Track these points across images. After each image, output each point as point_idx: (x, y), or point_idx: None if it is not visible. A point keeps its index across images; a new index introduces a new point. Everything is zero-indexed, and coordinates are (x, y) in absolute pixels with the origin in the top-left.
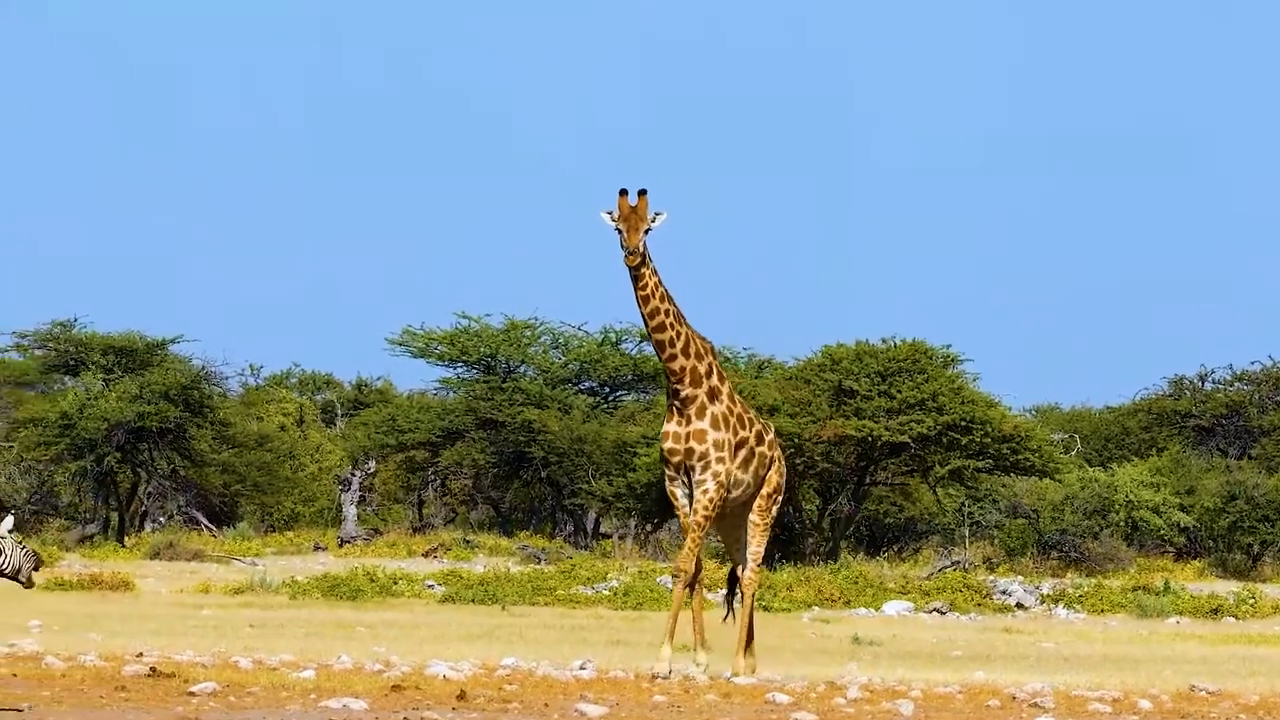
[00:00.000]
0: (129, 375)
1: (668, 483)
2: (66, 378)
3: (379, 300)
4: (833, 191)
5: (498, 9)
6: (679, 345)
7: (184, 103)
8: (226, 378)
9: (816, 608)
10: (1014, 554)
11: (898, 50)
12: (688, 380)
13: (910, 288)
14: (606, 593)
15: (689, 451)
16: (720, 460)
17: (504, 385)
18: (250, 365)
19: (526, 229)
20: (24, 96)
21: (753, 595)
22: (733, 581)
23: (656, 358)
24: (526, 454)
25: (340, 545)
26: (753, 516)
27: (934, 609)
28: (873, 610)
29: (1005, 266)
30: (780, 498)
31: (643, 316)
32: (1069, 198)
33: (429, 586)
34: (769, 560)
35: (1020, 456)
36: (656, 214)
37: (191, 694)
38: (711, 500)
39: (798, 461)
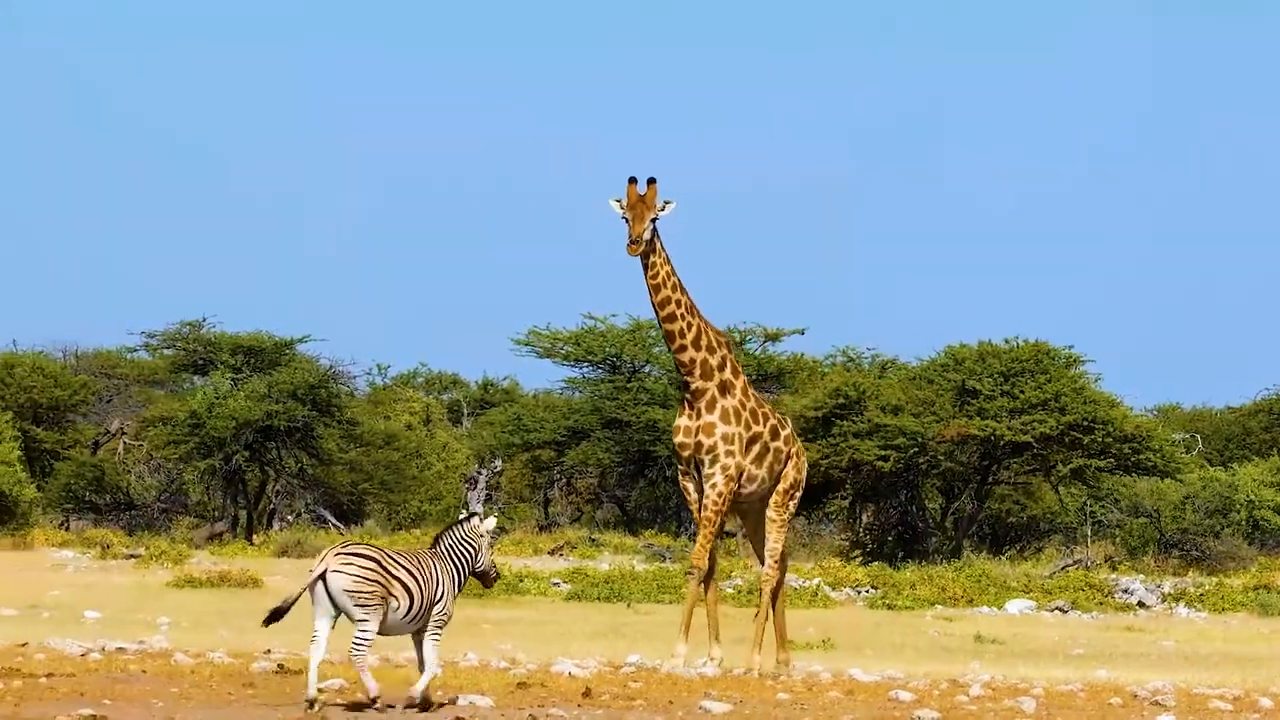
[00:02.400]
0: (257, 375)
1: (680, 477)
2: (195, 377)
3: (506, 301)
4: (956, 190)
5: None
6: (689, 336)
7: (303, 102)
8: (354, 377)
9: (940, 606)
10: (1135, 553)
11: (1020, 46)
12: (698, 373)
13: (1033, 288)
14: (730, 590)
15: (699, 445)
16: (730, 454)
17: (629, 385)
18: (378, 365)
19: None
20: (146, 96)
21: (769, 591)
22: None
23: (666, 348)
24: (651, 453)
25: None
26: (770, 513)
27: (1056, 607)
28: (995, 609)
29: (1127, 267)
30: (799, 494)
31: (653, 305)
32: (1192, 197)
33: (554, 584)
34: (891, 559)
35: (1142, 456)
36: (666, 202)
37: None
38: (720, 495)
39: (920, 461)
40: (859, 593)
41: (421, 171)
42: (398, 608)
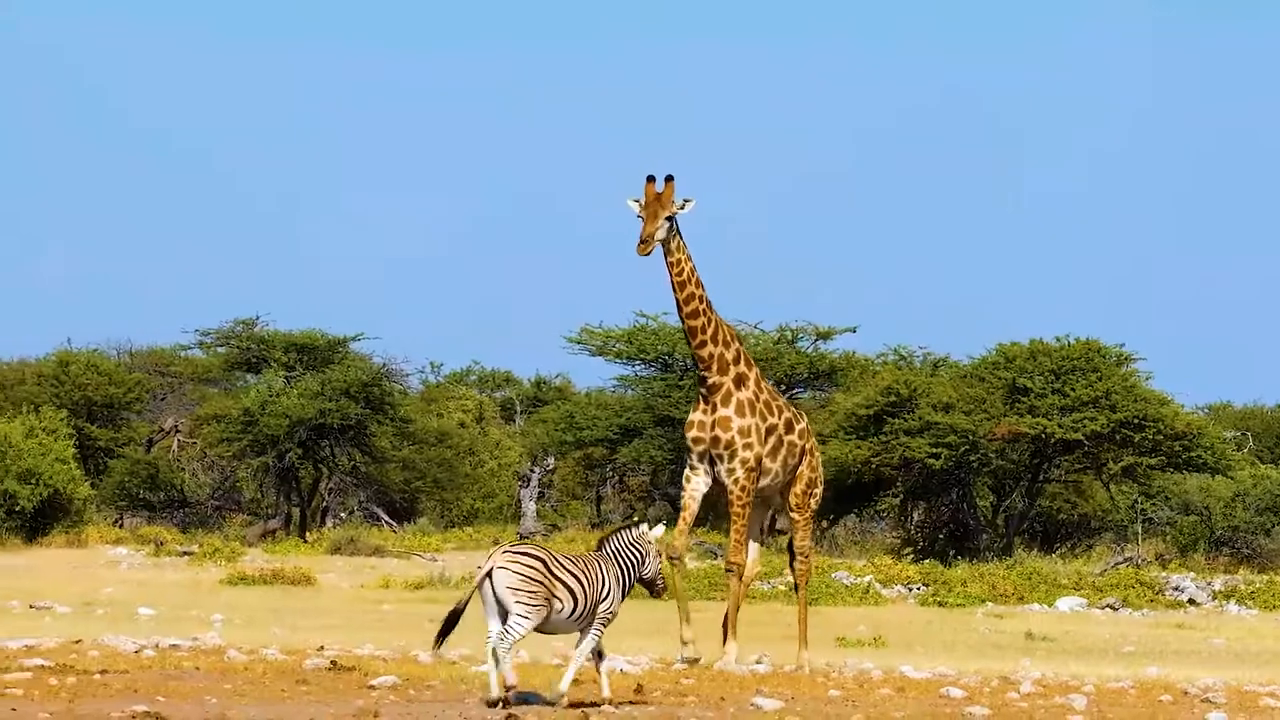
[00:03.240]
0: (310, 372)
1: (687, 469)
2: (249, 375)
3: (558, 299)
4: (1008, 188)
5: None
6: (709, 332)
7: (356, 102)
8: (407, 375)
9: (990, 603)
10: (1186, 550)
11: (1067, 39)
12: (715, 367)
13: (1085, 286)
14: (782, 588)
15: (715, 440)
16: (748, 447)
17: (681, 383)
18: (431, 363)
19: (702, 226)
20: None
21: (805, 586)
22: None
23: (687, 344)
24: None
25: (519, 541)
26: (793, 513)
27: (1107, 605)
28: (1046, 606)
29: (1179, 265)
30: (818, 490)
31: (676, 302)
32: (1244, 195)
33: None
34: (942, 557)
35: (1193, 454)
36: (686, 200)
37: (372, 687)
38: (743, 488)
39: (972, 458)
40: (910, 590)
41: (475, 170)
42: (561, 608)
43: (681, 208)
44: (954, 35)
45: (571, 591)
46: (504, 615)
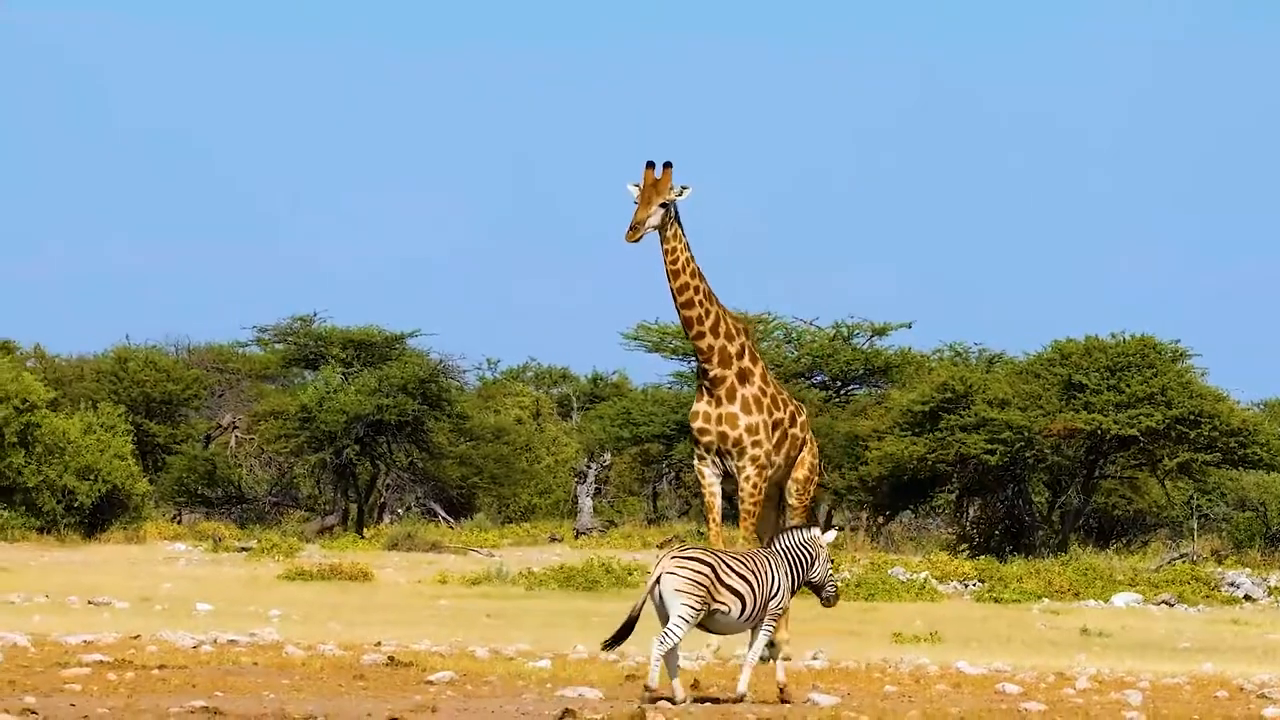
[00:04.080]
0: (368, 369)
1: (696, 461)
2: (306, 371)
3: (615, 295)
4: (1064, 183)
5: None
6: (707, 323)
7: (410, 101)
8: (464, 371)
9: (1046, 599)
10: (1241, 546)
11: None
12: (716, 360)
13: (1140, 283)
14: (839, 584)
15: (721, 436)
16: (756, 444)
17: None
18: (488, 359)
19: (757, 224)
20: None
21: None
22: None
23: (684, 335)
24: None
25: (576, 537)
26: (790, 501)
27: (1162, 601)
28: (1101, 602)
29: (1235, 261)
30: (816, 479)
31: (670, 291)
32: None
33: None
34: (997, 553)
35: (1248, 450)
36: (683, 187)
37: (429, 683)
38: (755, 486)
39: (1027, 455)
40: (966, 586)
41: (532, 167)
42: (729, 611)
43: (679, 195)
44: (1006, 20)
45: (739, 594)
46: (666, 619)
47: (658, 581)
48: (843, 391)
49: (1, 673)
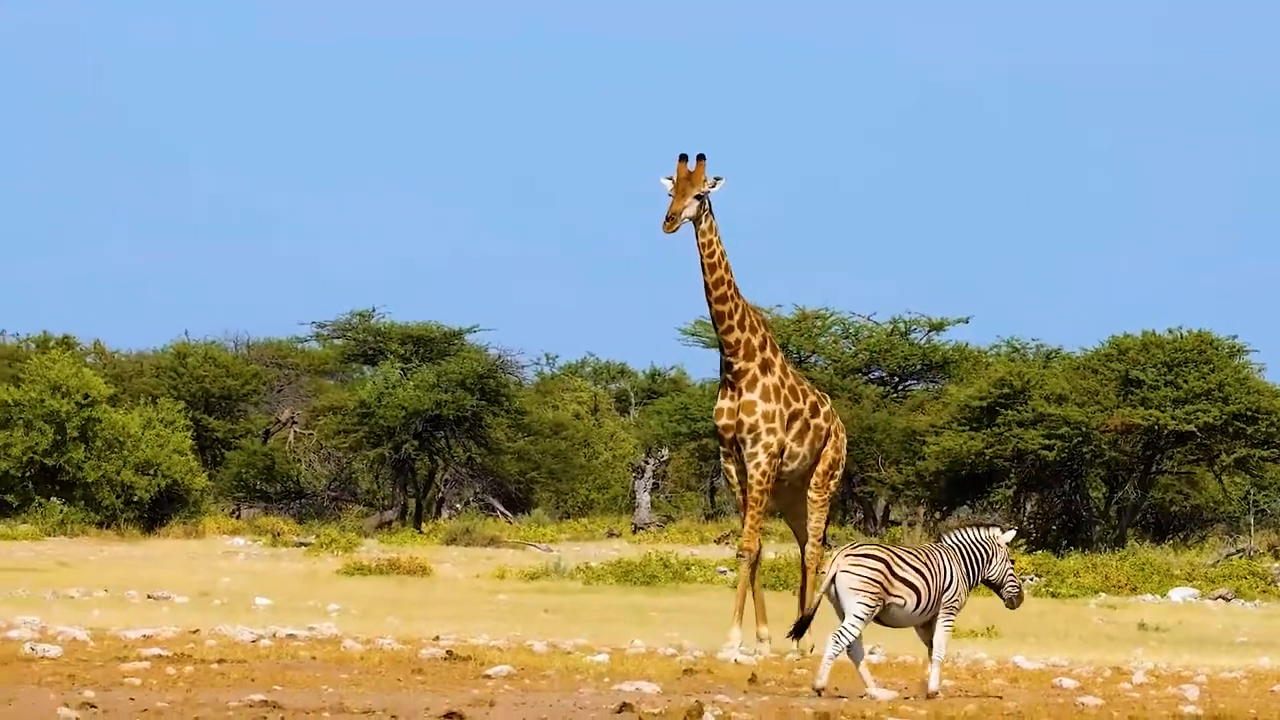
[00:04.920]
0: (426, 364)
1: (722, 459)
2: (365, 367)
3: (673, 291)
4: (1121, 177)
5: None
6: (736, 317)
7: (466, 95)
8: (522, 367)
9: (1103, 594)
10: None
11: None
12: (741, 353)
13: (1197, 278)
14: (1021, 584)
15: (739, 424)
16: (771, 431)
17: None
18: (546, 354)
19: (812, 220)
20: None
21: (816, 571)
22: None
23: (714, 329)
24: None
25: (634, 531)
26: (811, 494)
27: (1219, 596)
28: (1159, 597)
29: None
30: (839, 472)
31: (705, 285)
32: None
33: (721, 572)
34: (1055, 548)
35: None
36: (717, 179)
37: (487, 677)
38: (764, 473)
39: (1084, 450)
40: (1023, 581)
41: (592, 163)
42: (904, 604)
43: (713, 186)
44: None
45: (914, 588)
46: (842, 615)
47: (833, 580)
48: (900, 387)
49: (61, 667)
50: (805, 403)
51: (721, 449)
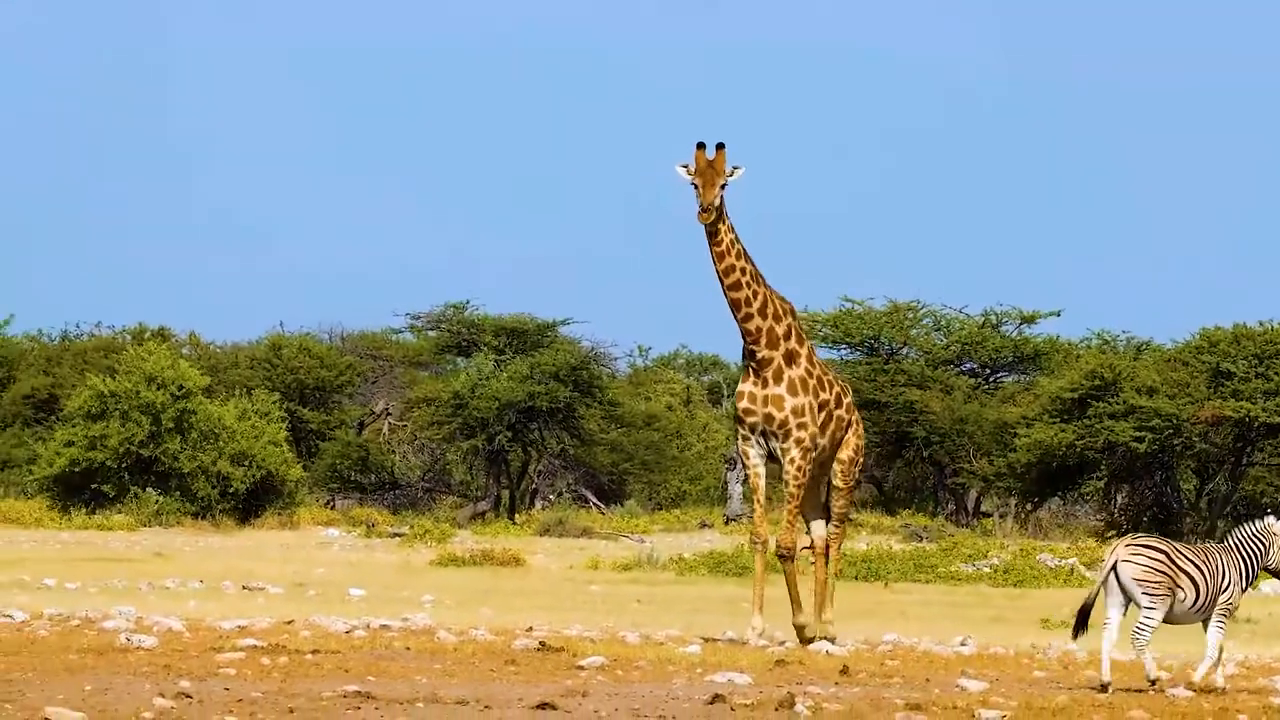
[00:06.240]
0: (520, 356)
1: (740, 442)
2: (459, 358)
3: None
4: (1210, 170)
5: None
6: (755, 305)
7: (554, 91)
8: (615, 359)
9: None
10: None
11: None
12: (764, 341)
13: None
14: (987, 570)
15: (768, 418)
16: (802, 426)
17: (886, 367)
18: (639, 346)
19: (908, 211)
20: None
21: (838, 549)
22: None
23: (731, 316)
24: (909, 434)
25: (726, 523)
26: (836, 482)
27: None
28: (1249, 589)
29: None
30: (861, 460)
31: (717, 274)
32: None
33: (812, 564)
34: None
35: None
36: (735, 168)
37: (580, 668)
38: (800, 469)
39: (1175, 442)
40: None
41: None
42: (1184, 599)
43: (731, 175)
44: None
45: (1194, 582)
46: (1127, 606)
47: (1113, 569)
48: (991, 379)
49: (157, 657)
50: (831, 393)
51: (740, 431)
